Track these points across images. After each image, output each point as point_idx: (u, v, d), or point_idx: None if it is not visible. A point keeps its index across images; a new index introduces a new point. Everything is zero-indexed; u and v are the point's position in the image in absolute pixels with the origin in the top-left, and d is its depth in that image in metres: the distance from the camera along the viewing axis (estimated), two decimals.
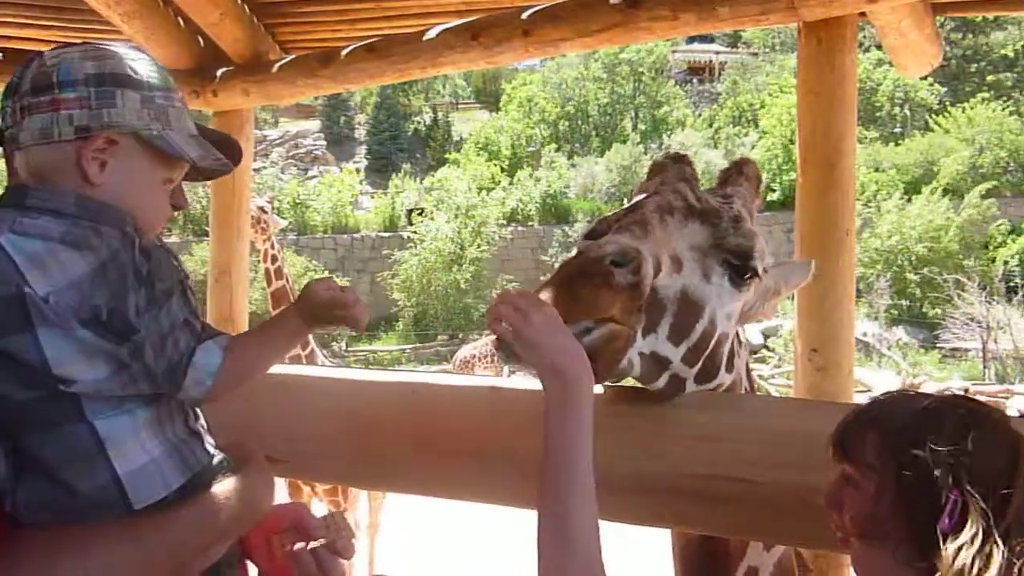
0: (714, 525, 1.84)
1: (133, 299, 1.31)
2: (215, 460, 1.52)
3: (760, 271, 1.79)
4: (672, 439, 1.77)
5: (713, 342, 1.76)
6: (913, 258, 28.53)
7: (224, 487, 1.46)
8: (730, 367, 1.87)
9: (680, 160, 2.01)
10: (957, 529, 1.25)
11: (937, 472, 1.28)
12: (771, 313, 2.04)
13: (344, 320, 1.60)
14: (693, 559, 1.99)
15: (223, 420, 1.62)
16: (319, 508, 6.86)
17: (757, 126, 43.10)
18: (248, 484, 1.50)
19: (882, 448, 1.37)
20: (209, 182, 1.81)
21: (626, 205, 1.86)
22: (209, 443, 1.54)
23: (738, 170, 2.05)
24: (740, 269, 1.76)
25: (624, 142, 43.32)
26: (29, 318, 1.20)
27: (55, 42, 5.57)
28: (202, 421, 1.56)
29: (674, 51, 53.36)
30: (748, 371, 2.07)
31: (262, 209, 6.72)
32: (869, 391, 16.82)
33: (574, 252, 1.59)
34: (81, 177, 1.34)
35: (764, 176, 2.23)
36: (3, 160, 1.56)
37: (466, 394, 1.73)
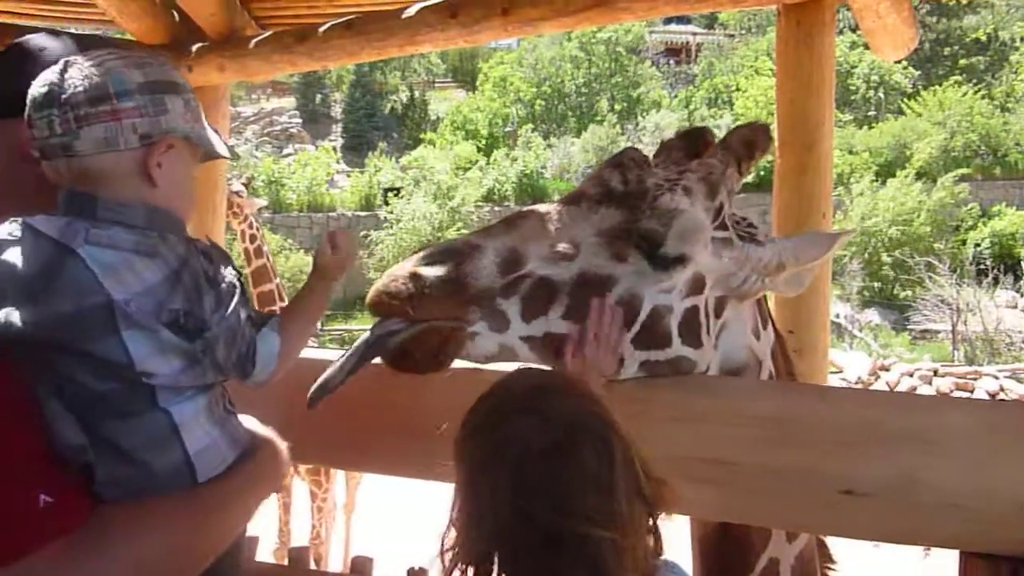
0: (693, 507, 1.84)
1: (207, 301, 1.43)
2: None
3: (682, 254, 1.75)
4: (648, 420, 1.77)
5: (643, 314, 1.76)
6: (886, 240, 28.79)
7: (254, 461, 1.59)
8: (692, 341, 1.82)
9: (687, 137, 2.05)
10: None
11: None
12: (794, 289, 1.97)
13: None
14: (712, 549, 1.98)
15: None
16: (300, 487, 6.87)
17: (732, 108, 43.19)
18: (270, 457, 1.64)
19: None
20: None
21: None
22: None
23: (703, 139, 2.05)
24: (650, 255, 1.76)
25: (601, 123, 43.27)
26: (115, 323, 1.30)
27: (29, 15, 5.50)
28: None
29: (651, 31, 53.21)
30: (777, 355, 2.05)
31: (237, 193, 6.69)
32: (840, 372, 17.00)
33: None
34: (146, 182, 1.43)
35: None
36: None
37: (446, 375, 1.73)
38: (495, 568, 1.25)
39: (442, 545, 1.30)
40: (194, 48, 5.28)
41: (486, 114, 46.24)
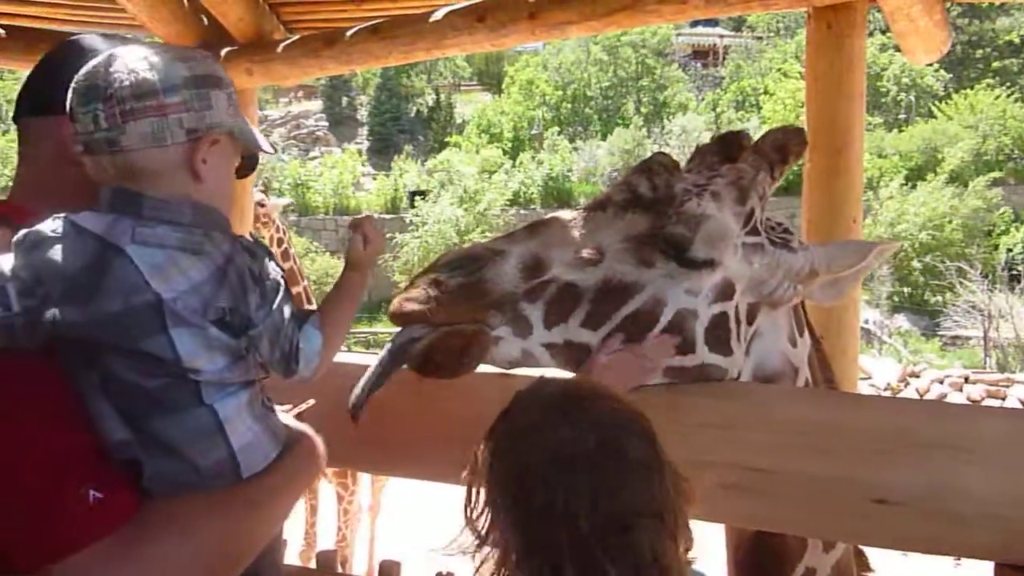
0: (724, 515, 1.83)
1: (252, 298, 1.43)
2: None
3: (711, 258, 1.75)
4: (679, 427, 1.75)
5: (664, 319, 1.75)
6: (916, 245, 28.50)
7: (292, 456, 1.60)
8: (721, 348, 1.80)
9: (722, 141, 2.03)
10: None
11: None
12: (832, 298, 1.93)
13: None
14: (747, 559, 1.96)
15: None
16: (327, 489, 6.89)
17: (760, 111, 42.95)
18: (308, 452, 1.64)
19: None
20: None
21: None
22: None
23: (738, 144, 2.01)
24: (678, 258, 1.75)
25: (627, 126, 43.19)
26: (163, 321, 1.30)
27: (60, 20, 5.57)
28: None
29: (678, 34, 53.07)
30: (814, 363, 2.03)
31: (259, 203, 6.72)
32: (869, 378, 16.82)
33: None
34: (192, 177, 1.42)
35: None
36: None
37: (475, 379, 1.74)
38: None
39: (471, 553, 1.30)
40: (223, 52, 5.30)
41: (511, 117, 46.31)
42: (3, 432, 1.24)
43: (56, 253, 1.30)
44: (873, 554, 1.99)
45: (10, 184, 1.60)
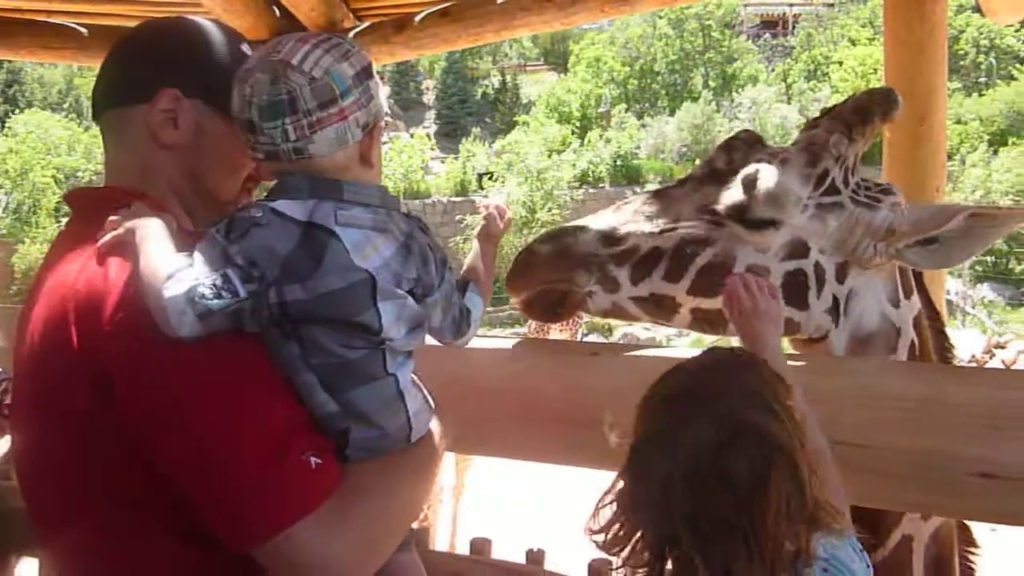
0: None
1: (431, 268, 1.53)
2: None
3: (772, 217, 1.89)
4: None
5: (738, 270, 1.88)
6: None
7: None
8: (796, 303, 1.91)
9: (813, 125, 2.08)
10: None
11: None
12: (933, 262, 1.91)
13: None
14: None
15: None
16: None
17: (830, 80, 41.94)
18: (437, 424, 1.68)
19: None
20: None
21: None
22: None
23: (824, 114, 2.09)
24: (741, 220, 1.91)
25: (695, 100, 42.61)
26: (375, 295, 1.40)
27: (138, 17, 5.70)
28: None
29: (745, 4, 52.13)
30: (922, 326, 2.06)
31: None
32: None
33: None
34: (365, 166, 1.50)
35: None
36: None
37: (560, 358, 1.80)
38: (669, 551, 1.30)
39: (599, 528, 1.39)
40: None
41: (579, 96, 46.01)
42: (234, 404, 1.32)
43: (265, 238, 1.35)
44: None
45: (93, 179, 1.65)
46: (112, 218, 1.42)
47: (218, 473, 1.28)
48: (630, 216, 2.04)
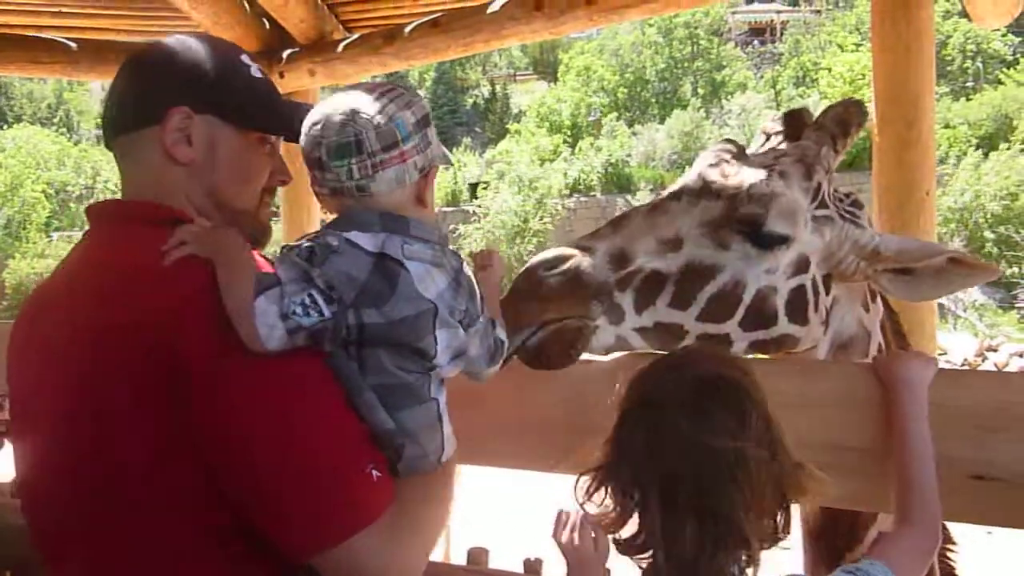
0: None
1: (476, 300, 1.62)
2: None
3: (785, 234, 1.84)
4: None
5: (748, 297, 1.85)
6: (988, 216, 27.68)
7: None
8: (798, 319, 1.89)
9: (787, 120, 2.15)
10: None
11: None
12: (905, 293, 1.95)
13: None
14: (819, 527, 2.05)
15: None
16: None
17: (818, 86, 42.11)
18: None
19: None
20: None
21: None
22: None
23: (800, 121, 2.12)
24: (755, 237, 1.85)
25: (684, 108, 42.73)
26: (434, 323, 1.49)
27: (127, 31, 5.71)
28: None
29: (733, 12, 52.36)
30: (887, 328, 2.13)
31: None
32: (946, 354, 16.45)
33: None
34: (420, 206, 1.60)
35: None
36: None
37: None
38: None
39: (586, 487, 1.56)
40: (285, 54, 5.39)
41: (569, 105, 46.11)
42: (312, 414, 1.39)
43: (343, 265, 1.43)
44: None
45: (83, 192, 1.66)
46: (184, 229, 1.47)
47: (296, 478, 1.34)
48: (634, 233, 1.91)
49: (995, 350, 16.93)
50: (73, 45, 5.66)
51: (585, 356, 1.90)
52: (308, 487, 1.33)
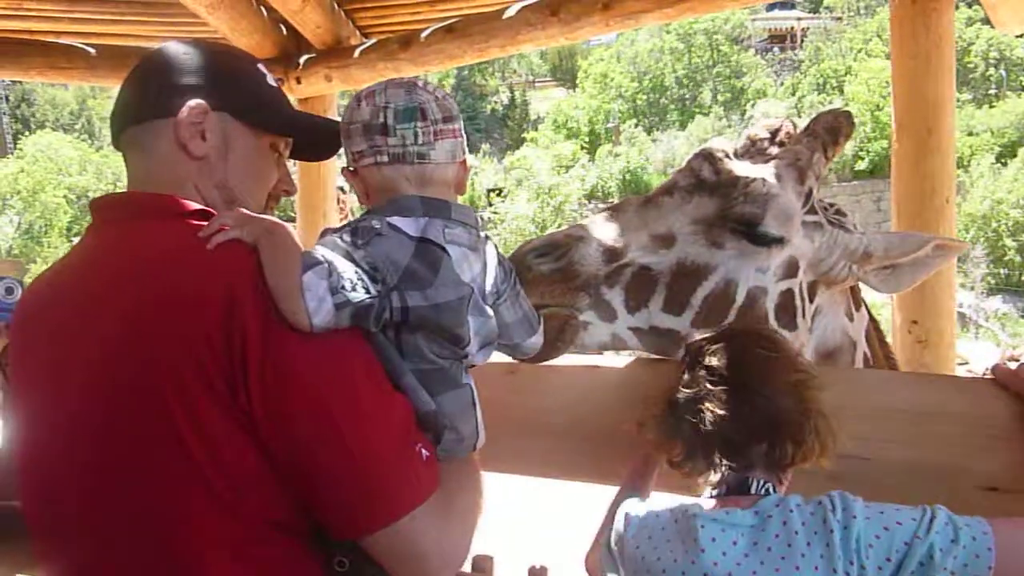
0: None
1: (507, 284, 1.66)
2: None
3: (781, 235, 1.84)
4: None
5: (739, 299, 1.85)
6: (1010, 224, 27.44)
7: None
8: (787, 323, 1.88)
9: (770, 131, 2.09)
10: None
11: None
12: (890, 286, 1.99)
13: None
14: None
15: None
16: None
17: (842, 93, 41.91)
18: None
19: None
20: (295, 168, 1.96)
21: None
22: None
23: (783, 129, 2.09)
24: (750, 235, 1.84)
25: (705, 114, 42.66)
26: (469, 308, 1.52)
27: (145, 37, 5.75)
28: None
29: (753, 19, 52.20)
30: (872, 337, 2.12)
31: (341, 188, 6.82)
32: (967, 364, 16.29)
33: None
34: (456, 190, 1.64)
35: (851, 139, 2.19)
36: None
37: (557, 371, 1.82)
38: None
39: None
40: (302, 60, 5.41)
41: (587, 111, 46.12)
42: (366, 391, 1.38)
43: (385, 247, 1.45)
44: None
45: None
46: (226, 213, 1.45)
47: (358, 455, 1.33)
48: (626, 225, 1.90)
49: (1018, 360, 16.73)
50: (92, 51, 5.69)
51: (589, 361, 1.89)
52: (370, 463, 1.33)
